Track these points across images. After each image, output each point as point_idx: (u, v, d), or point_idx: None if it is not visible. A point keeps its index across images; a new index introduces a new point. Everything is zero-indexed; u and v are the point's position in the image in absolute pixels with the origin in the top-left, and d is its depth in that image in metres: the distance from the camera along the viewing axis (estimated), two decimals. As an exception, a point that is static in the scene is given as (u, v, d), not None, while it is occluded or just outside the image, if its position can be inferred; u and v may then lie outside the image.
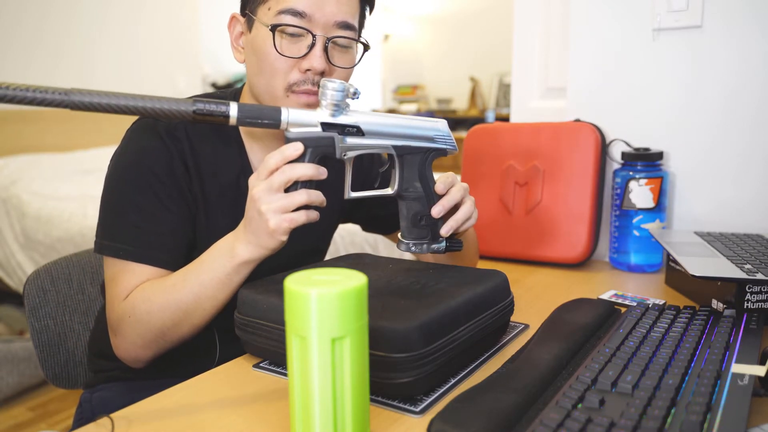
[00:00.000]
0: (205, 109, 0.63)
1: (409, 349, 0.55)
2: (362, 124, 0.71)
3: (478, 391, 0.53)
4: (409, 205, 0.75)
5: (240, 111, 0.65)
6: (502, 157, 1.15)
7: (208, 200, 0.83)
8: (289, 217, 0.66)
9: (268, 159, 0.67)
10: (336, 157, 0.70)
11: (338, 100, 0.68)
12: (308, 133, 0.68)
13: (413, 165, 0.75)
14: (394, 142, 0.74)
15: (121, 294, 0.77)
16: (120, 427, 0.54)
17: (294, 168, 0.66)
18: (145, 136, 0.81)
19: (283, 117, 0.67)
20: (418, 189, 0.75)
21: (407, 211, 0.75)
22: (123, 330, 0.77)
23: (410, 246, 0.75)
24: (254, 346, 0.67)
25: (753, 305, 0.73)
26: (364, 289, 0.45)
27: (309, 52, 0.77)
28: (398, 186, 0.75)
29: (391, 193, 0.75)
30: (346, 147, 0.70)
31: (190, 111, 0.63)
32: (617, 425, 0.46)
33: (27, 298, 1.00)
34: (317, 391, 0.44)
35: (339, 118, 0.69)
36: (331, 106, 0.69)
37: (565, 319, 0.72)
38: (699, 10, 1.01)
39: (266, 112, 0.67)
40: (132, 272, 0.77)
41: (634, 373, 0.55)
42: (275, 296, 0.64)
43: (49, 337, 1.00)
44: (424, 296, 0.63)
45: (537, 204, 1.09)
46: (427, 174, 0.76)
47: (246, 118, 0.66)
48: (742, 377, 0.54)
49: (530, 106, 1.35)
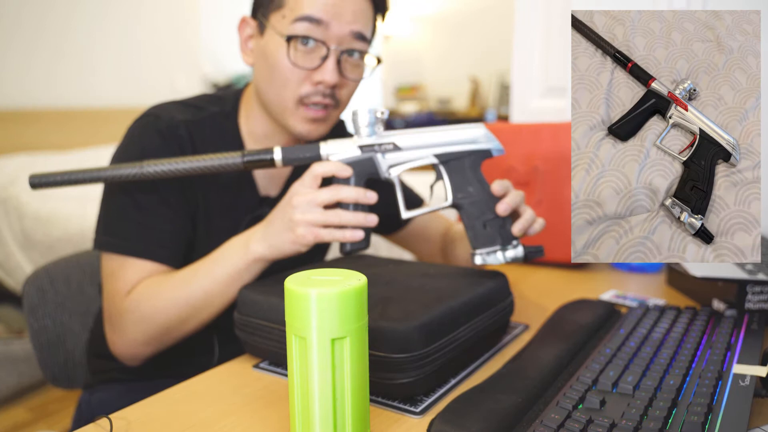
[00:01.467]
0: (253, 158, 0.72)
1: (409, 349, 0.55)
2: (397, 140, 0.73)
3: (479, 391, 0.53)
4: (468, 212, 0.73)
5: (284, 153, 0.72)
6: (502, 157, 1.14)
7: (208, 200, 0.83)
8: (316, 232, 0.69)
9: (313, 169, 0.70)
10: (382, 177, 0.72)
11: (371, 123, 0.72)
12: (349, 157, 0.71)
13: (461, 170, 0.74)
14: (434, 150, 0.74)
15: (123, 289, 0.77)
16: (119, 428, 0.54)
17: (341, 189, 0.69)
18: (147, 135, 0.81)
19: (323, 151, 0.72)
20: (472, 194, 0.73)
21: (468, 218, 0.73)
22: (123, 326, 0.76)
23: (484, 255, 0.73)
24: (254, 346, 0.67)
25: (754, 306, 0.73)
26: (364, 289, 0.45)
27: (322, 65, 0.77)
28: (452, 195, 0.74)
29: (447, 205, 0.74)
30: (388, 164, 0.72)
31: (240, 162, 0.72)
32: (618, 426, 0.46)
33: (26, 299, 0.99)
34: (317, 392, 0.44)
35: (373, 138, 0.72)
36: (365, 129, 0.72)
37: (566, 319, 0.72)
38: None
39: (307, 150, 0.72)
40: (132, 267, 0.77)
41: (635, 373, 0.55)
42: (275, 296, 0.64)
43: (48, 338, 0.99)
44: (424, 296, 0.63)
45: (537, 204, 1.09)
46: (479, 177, 0.74)
47: (289, 160, 0.72)
48: (743, 378, 0.54)
49: (530, 106, 1.35)
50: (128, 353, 0.79)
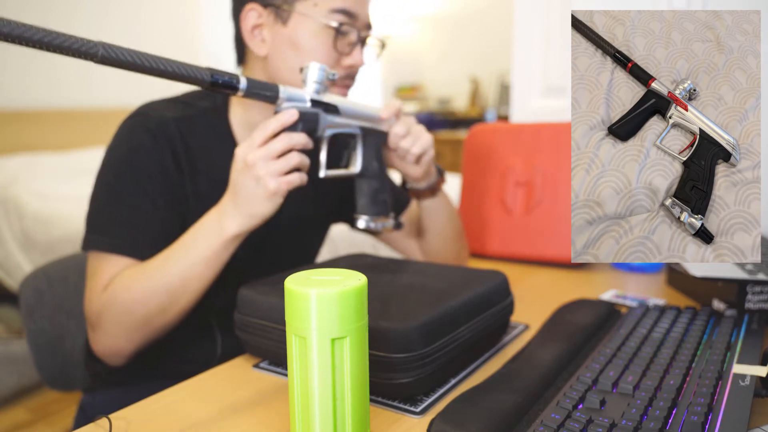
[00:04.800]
0: (220, 79, 0.67)
1: (409, 349, 0.55)
2: (339, 104, 0.77)
3: (479, 391, 0.53)
4: (369, 183, 0.82)
5: (249, 84, 0.69)
6: (502, 157, 1.15)
7: (200, 195, 0.83)
8: (287, 180, 0.70)
9: (265, 125, 0.71)
10: (317, 134, 0.75)
11: (321, 80, 0.74)
12: (302, 107, 0.73)
13: (372, 146, 0.82)
14: (361, 123, 0.81)
15: (100, 285, 0.76)
16: (119, 428, 0.54)
17: (292, 136, 0.70)
18: (137, 133, 0.80)
19: (282, 94, 0.72)
20: (376, 168, 0.82)
21: (368, 188, 0.82)
22: (103, 323, 0.75)
23: (369, 222, 0.81)
24: (254, 346, 0.67)
25: (754, 306, 0.73)
26: (364, 289, 0.45)
27: (352, 50, 0.84)
28: (361, 165, 0.81)
29: (356, 172, 0.81)
30: (326, 124, 0.76)
31: (208, 78, 0.65)
32: (618, 426, 0.46)
33: (23, 300, 0.97)
34: (317, 391, 0.44)
35: (321, 96, 0.75)
36: (315, 84, 0.74)
37: (566, 319, 0.72)
38: (699, 10, 1.00)
39: (268, 88, 0.71)
40: (113, 264, 0.76)
41: (635, 373, 0.55)
42: (275, 296, 0.64)
43: (46, 340, 0.98)
44: (424, 296, 0.63)
45: (537, 204, 1.09)
46: (380, 155, 0.83)
47: (252, 90, 0.69)
48: (743, 378, 0.54)
49: (530, 106, 1.35)
50: (111, 350, 0.77)
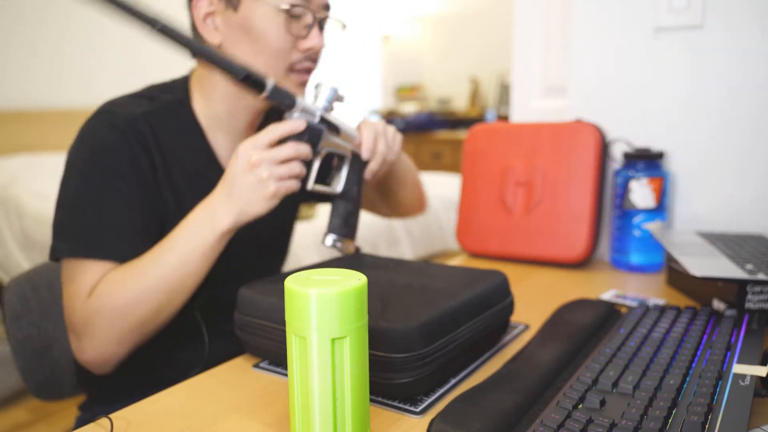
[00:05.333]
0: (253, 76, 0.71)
1: (409, 349, 0.55)
2: (341, 125, 0.81)
3: (479, 391, 0.53)
4: (345, 206, 0.84)
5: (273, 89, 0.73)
6: (502, 157, 1.15)
7: (176, 190, 0.82)
8: (286, 185, 0.73)
9: (272, 129, 0.73)
10: (315, 149, 0.78)
11: (330, 99, 0.78)
12: (311, 121, 0.77)
13: (356, 170, 0.85)
14: (352, 148, 0.84)
15: (83, 291, 0.73)
16: (119, 428, 0.54)
17: (299, 146, 0.74)
18: (102, 131, 0.78)
19: (298, 102, 0.76)
20: (354, 193, 0.84)
21: (344, 210, 0.84)
22: (92, 330, 0.73)
23: (336, 242, 0.83)
24: (254, 346, 0.67)
25: (754, 305, 0.73)
26: (364, 289, 0.45)
27: (309, 33, 0.82)
28: (343, 187, 0.84)
29: (337, 192, 0.84)
30: (325, 141, 0.79)
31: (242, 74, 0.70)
32: (618, 426, 0.46)
33: (7, 307, 0.92)
34: (317, 391, 0.44)
35: (328, 114, 0.79)
36: (323, 102, 0.78)
37: (566, 319, 0.72)
38: (700, 10, 1.00)
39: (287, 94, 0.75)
40: (92, 269, 0.74)
41: (635, 373, 0.55)
42: (275, 296, 0.64)
43: (33, 348, 0.93)
44: (424, 296, 0.63)
45: (537, 204, 1.09)
46: (360, 180, 0.85)
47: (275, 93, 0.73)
48: (743, 378, 0.54)
49: (530, 106, 1.35)
50: (100, 358, 0.75)
